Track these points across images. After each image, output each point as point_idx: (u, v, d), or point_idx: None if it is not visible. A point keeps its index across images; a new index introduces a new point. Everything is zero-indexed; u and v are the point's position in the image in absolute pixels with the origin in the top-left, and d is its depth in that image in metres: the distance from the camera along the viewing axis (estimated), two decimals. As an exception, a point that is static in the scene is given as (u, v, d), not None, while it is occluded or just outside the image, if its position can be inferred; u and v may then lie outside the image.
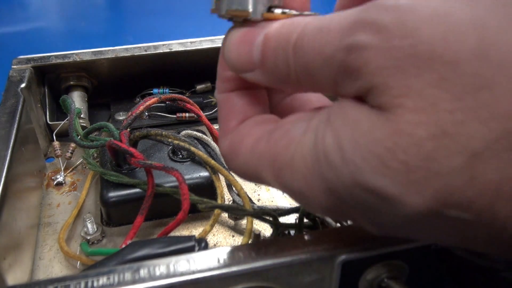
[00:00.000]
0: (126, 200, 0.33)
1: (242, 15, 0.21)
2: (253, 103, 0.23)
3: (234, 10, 0.21)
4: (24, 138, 0.35)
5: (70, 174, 0.40)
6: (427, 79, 0.16)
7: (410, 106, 0.16)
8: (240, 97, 0.23)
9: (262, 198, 0.37)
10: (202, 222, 0.35)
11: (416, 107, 0.16)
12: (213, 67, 0.23)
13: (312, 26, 0.19)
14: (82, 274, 0.22)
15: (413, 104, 0.16)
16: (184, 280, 0.21)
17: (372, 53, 0.17)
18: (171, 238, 0.27)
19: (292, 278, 0.23)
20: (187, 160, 0.36)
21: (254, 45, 0.21)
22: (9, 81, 0.40)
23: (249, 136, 0.22)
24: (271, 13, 0.21)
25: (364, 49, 0.17)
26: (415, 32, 0.16)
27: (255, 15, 0.21)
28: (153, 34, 0.85)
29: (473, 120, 0.15)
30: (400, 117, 0.16)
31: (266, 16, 0.21)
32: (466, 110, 0.15)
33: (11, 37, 0.85)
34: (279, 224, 0.29)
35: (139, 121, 0.45)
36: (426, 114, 0.16)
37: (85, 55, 0.44)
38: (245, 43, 0.21)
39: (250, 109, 0.23)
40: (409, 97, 0.16)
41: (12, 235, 0.29)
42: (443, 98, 0.16)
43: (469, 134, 0.15)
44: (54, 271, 0.31)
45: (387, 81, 0.16)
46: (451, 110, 0.15)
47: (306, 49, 0.19)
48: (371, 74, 0.17)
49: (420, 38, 0.16)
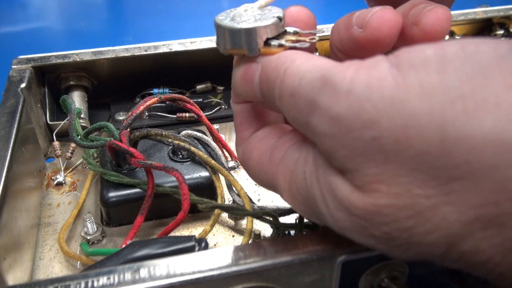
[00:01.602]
0: (126, 200, 0.33)
1: (240, 53, 0.22)
2: (265, 113, 0.25)
3: (231, 49, 0.22)
4: (24, 138, 0.35)
5: (70, 174, 0.40)
6: (398, 169, 0.16)
7: (385, 191, 0.17)
8: (252, 109, 0.25)
9: (262, 198, 0.37)
10: (202, 222, 0.35)
11: (391, 193, 0.17)
12: (213, 67, 0.23)
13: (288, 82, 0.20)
14: (82, 274, 0.22)
15: (388, 190, 0.17)
16: (184, 280, 0.21)
17: (335, 143, 0.17)
18: (171, 238, 0.27)
19: (292, 278, 0.23)
20: (187, 160, 0.36)
21: (253, 84, 0.22)
22: (9, 81, 0.40)
23: (256, 150, 0.24)
24: (267, 48, 0.22)
25: (326, 137, 0.18)
26: (375, 125, 0.16)
27: (252, 52, 0.22)
28: (153, 34, 0.85)
29: (447, 204, 0.16)
30: (378, 200, 0.17)
31: (263, 51, 0.22)
32: (440, 196, 0.16)
33: (11, 37, 0.85)
34: (279, 224, 0.29)
35: (139, 121, 0.45)
36: (402, 199, 0.16)
37: (85, 55, 0.44)
38: (246, 81, 0.22)
39: (262, 119, 0.25)
40: (383, 183, 0.17)
41: (12, 235, 0.29)
42: (416, 185, 0.16)
43: (444, 216, 0.16)
44: (54, 271, 0.31)
45: (358, 168, 0.17)
46: (426, 196, 0.16)
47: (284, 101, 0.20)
48: (342, 159, 0.18)
49: (381, 132, 0.16)
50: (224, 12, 0.23)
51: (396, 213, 0.17)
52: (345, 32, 0.22)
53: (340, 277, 0.23)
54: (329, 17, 0.20)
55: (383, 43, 0.21)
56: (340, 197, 0.18)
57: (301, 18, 0.23)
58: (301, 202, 0.21)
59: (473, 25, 0.54)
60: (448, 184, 0.16)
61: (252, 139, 0.24)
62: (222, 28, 0.22)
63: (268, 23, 0.21)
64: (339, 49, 0.23)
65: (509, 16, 0.52)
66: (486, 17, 0.52)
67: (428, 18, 0.21)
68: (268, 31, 0.21)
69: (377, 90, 0.16)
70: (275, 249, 0.23)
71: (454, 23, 0.52)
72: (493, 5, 0.53)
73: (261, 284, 0.22)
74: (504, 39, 0.17)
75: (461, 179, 0.15)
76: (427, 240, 0.17)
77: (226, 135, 0.45)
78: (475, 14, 0.52)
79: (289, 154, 0.22)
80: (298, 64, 0.20)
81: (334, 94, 0.17)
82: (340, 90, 0.17)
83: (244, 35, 0.21)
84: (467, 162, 0.15)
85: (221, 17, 0.23)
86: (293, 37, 0.22)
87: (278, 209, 0.32)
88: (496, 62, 0.16)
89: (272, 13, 0.22)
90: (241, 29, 0.21)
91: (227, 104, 0.48)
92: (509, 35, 0.53)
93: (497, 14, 0.52)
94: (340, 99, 0.17)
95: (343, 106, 0.17)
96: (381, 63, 0.17)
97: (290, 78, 0.19)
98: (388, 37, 0.21)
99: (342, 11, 0.24)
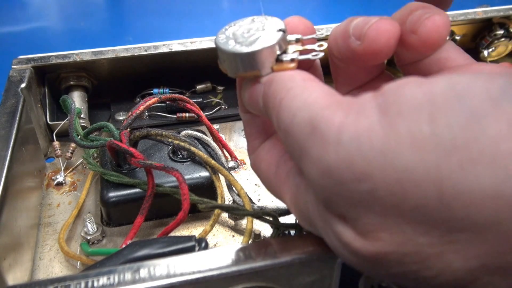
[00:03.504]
0: (126, 200, 0.33)
1: (251, 75, 0.22)
2: None
3: (243, 73, 0.22)
4: (24, 138, 0.35)
5: (70, 174, 0.40)
6: (397, 219, 0.16)
7: (388, 240, 0.16)
8: (260, 119, 0.25)
9: (262, 198, 0.37)
10: (202, 222, 0.35)
11: (394, 241, 0.16)
12: (213, 67, 0.23)
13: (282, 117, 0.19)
14: (82, 274, 0.22)
15: (391, 239, 0.16)
16: (184, 280, 0.21)
17: (329, 193, 0.17)
18: (171, 238, 0.27)
19: (292, 278, 0.23)
20: (187, 160, 0.36)
21: (259, 103, 0.22)
22: (9, 81, 0.40)
23: (264, 162, 0.24)
24: (280, 65, 0.21)
25: (319, 186, 0.17)
26: (368, 178, 0.16)
27: (265, 72, 0.21)
28: (153, 34, 0.85)
29: (451, 253, 0.16)
30: (382, 248, 0.17)
31: (276, 69, 0.21)
32: (444, 245, 0.16)
33: (11, 37, 0.85)
34: (279, 224, 0.29)
35: (139, 121, 0.45)
36: (405, 247, 0.16)
37: (85, 55, 0.44)
38: (252, 101, 0.22)
39: (271, 129, 0.25)
40: (385, 232, 0.16)
41: (12, 235, 0.29)
42: (419, 234, 0.16)
43: (449, 263, 0.16)
44: (54, 271, 0.31)
45: (358, 217, 0.17)
46: (429, 244, 0.16)
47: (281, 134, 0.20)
48: (340, 208, 0.17)
49: (375, 185, 0.16)
50: (221, 32, 0.22)
51: (401, 259, 0.16)
52: (343, 42, 0.21)
53: (340, 277, 0.23)
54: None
55: (381, 54, 0.21)
56: (344, 241, 0.18)
57: (300, 29, 0.22)
58: (306, 223, 0.21)
59: (473, 25, 0.54)
60: (450, 235, 0.15)
61: (261, 150, 0.24)
62: (230, 53, 0.21)
63: (277, 39, 0.21)
64: (337, 58, 0.23)
65: (509, 16, 0.52)
66: (486, 17, 0.52)
67: (426, 26, 0.20)
68: (277, 48, 0.21)
69: (367, 141, 0.16)
70: (275, 249, 0.23)
71: (454, 23, 0.52)
72: (493, 5, 0.53)
73: (261, 284, 0.22)
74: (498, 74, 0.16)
75: (462, 231, 0.15)
76: (434, 283, 0.16)
77: (226, 135, 0.45)
78: (475, 14, 0.51)
79: (291, 175, 0.22)
80: (293, 96, 0.19)
81: (322, 143, 0.17)
82: (328, 140, 0.16)
83: (255, 57, 0.20)
84: (467, 216, 0.15)
85: (222, 39, 0.21)
86: (298, 46, 0.21)
87: (278, 209, 0.32)
88: (490, 108, 0.15)
89: (272, 26, 0.21)
90: (251, 52, 0.20)
91: (227, 104, 0.48)
92: (509, 35, 0.53)
93: (497, 14, 0.52)
94: (329, 150, 0.16)
95: (333, 158, 0.16)
96: (368, 107, 0.16)
97: (284, 113, 0.19)
98: (385, 48, 0.20)
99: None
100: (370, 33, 0.20)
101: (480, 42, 0.55)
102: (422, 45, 0.21)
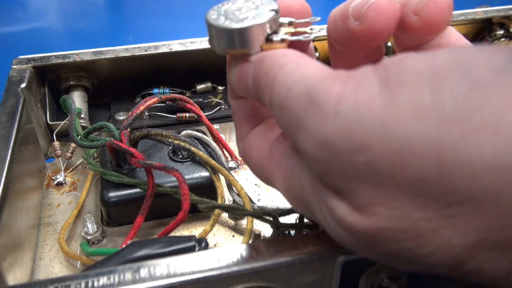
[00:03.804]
0: (126, 200, 0.33)
1: (240, 53, 0.21)
2: (263, 107, 0.24)
3: (231, 50, 0.21)
4: (24, 138, 0.35)
5: (70, 174, 0.40)
6: (395, 192, 0.15)
7: (384, 214, 0.16)
8: (250, 104, 0.24)
9: (262, 198, 0.37)
10: (202, 222, 0.35)
11: (389, 216, 0.16)
12: (213, 67, 0.23)
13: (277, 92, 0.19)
14: (82, 274, 0.22)
15: (386, 213, 0.16)
16: (184, 280, 0.21)
17: (325, 166, 0.17)
18: (171, 238, 0.27)
19: (292, 278, 0.23)
20: (187, 160, 0.36)
21: (248, 85, 0.21)
22: (9, 81, 0.40)
23: (254, 147, 0.23)
24: (269, 44, 0.21)
25: (315, 159, 0.17)
26: (367, 149, 0.15)
27: (254, 50, 0.21)
28: (153, 34, 0.85)
29: (448, 228, 0.15)
30: (377, 222, 0.16)
31: (265, 48, 0.21)
32: (441, 219, 0.15)
33: (11, 37, 0.85)
34: (279, 224, 0.29)
35: (139, 121, 0.45)
36: (401, 222, 0.16)
37: (85, 55, 0.44)
38: (241, 81, 0.22)
39: (261, 114, 0.24)
40: (381, 206, 0.16)
41: (12, 235, 0.29)
42: (416, 208, 0.15)
43: (446, 239, 0.15)
44: (54, 271, 0.31)
45: (354, 190, 0.16)
46: (426, 219, 0.15)
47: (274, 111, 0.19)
48: (336, 182, 0.17)
49: (373, 156, 0.15)
50: (213, 9, 0.22)
51: (397, 235, 0.16)
52: (342, 23, 0.21)
53: (340, 277, 0.23)
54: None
55: (381, 34, 0.20)
56: (338, 217, 0.17)
57: (295, 9, 0.22)
58: (300, 206, 0.21)
59: (473, 25, 0.54)
60: (449, 208, 0.15)
61: (251, 136, 0.24)
62: (219, 28, 0.21)
63: (268, 17, 0.20)
64: (336, 40, 0.22)
65: (509, 16, 0.52)
66: (486, 17, 0.52)
67: (429, 8, 0.20)
68: (268, 27, 0.20)
69: (366, 111, 0.15)
70: (275, 249, 0.23)
71: (454, 23, 0.52)
72: (493, 5, 0.53)
73: (261, 284, 0.22)
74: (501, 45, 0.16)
75: (462, 204, 0.15)
76: (429, 261, 0.16)
77: (226, 135, 0.45)
78: (475, 14, 0.51)
79: (286, 157, 0.21)
80: (287, 71, 0.19)
81: (320, 115, 0.16)
82: (326, 111, 0.16)
83: (244, 34, 0.20)
84: (468, 188, 0.14)
85: (212, 15, 0.21)
86: (291, 29, 0.21)
87: (278, 209, 0.32)
88: (494, 77, 0.14)
89: (265, 6, 0.21)
90: (241, 28, 0.20)
91: (227, 104, 0.48)
92: (509, 35, 0.53)
93: (497, 14, 0.52)
94: (327, 121, 0.16)
95: (331, 129, 0.16)
96: (368, 78, 0.16)
97: (279, 88, 0.19)
98: (385, 29, 0.20)
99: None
100: (369, 13, 0.20)
101: (480, 42, 0.55)
102: (425, 27, 0.20)
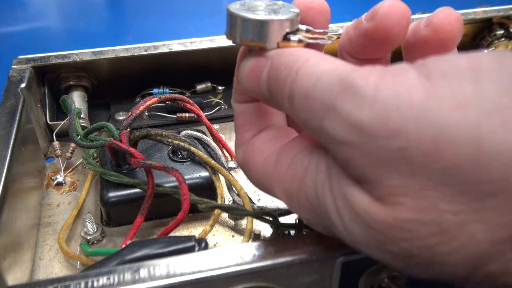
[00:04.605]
0: (126, 200, 0.33)
1: (256, 46, 0.21)
2: (268, 114, 0.24)
3: (248, 41, 0.21)
4: (24, 138, 0.35)
5: (70, 174, 0.40)
6: (425, 182, 0.15)
7: (409, 205, 0.16)
8: (255, 109, 0.24)
9: (262, 198, 0.37)
10: (202, 222, 0.35)
11: (415, 207, 0.16)
12: (213, 67, 0.23)
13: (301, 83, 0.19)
14: (82, 274, 0.22)
15: (412, 204, 0.16)
16: (184, 280, 0.21)
17: (354, 151, 0.16)
18: (171, 238, 0.27)
19: (292, 278, 0.23)
20: (187, 160, 0.36)
21: (261, 80, 0.21)
22: (9, 81, 0.40)
23: (259, 152, 0.23)
24: (286, 42, 0.21)
25: (344, 144, 0.17)
26: (402, 135, 0.15)
27: (270, 45, 0.21)
28: (153, 34, 0.85)
29: (477, 222, 0.15)
30: (400, 214, 0.16)
31: (282, 45, 0.21)
32: (470, 213, 0.15)
33: (11, 37, 0.85)
34: (279, 224, 0.29)
35: (139, 121, 0.45)
36: (427, 214, 0.16)
37: (85, 55, 0.44)
38: (253, 76, 0.21)
39: (265, 121, 0.24)
40: (407, 197, 0.16)
41: (12, 235, 0.29)
42: (444, 200, 0.15)
43: (472, 234, 0.15)
44: (54, 271, 0.31)
45: (380, 178, 0.16)
46: (454, 212, 0.15)
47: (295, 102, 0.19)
48: (362, 169, 0.17)
49: (408, 142, 0.15)
50: (236, 3, 0.22)
51: (420, 229, 0.16)
52: (355, 30, 0.21)
53: (340, 277, 0.23)
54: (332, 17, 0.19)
55: (393, 32, 0.20)
56: (357, 208, 0.17)
57: (314, 6, 0.22)
58: (310, 211, 0.20)
59: (473, 25, 0.54)
60: (480, 201, 0.15)
61: (254, 141, 0.23)
62: (241, 17, 0.20)
63: (289, 16, 0.20)
64: (348, 51, 0.22)
65: (509, 16, 0.52)
66: (486, 17, 0.52)
67: (439, 17, 0.21)
68: (288, 25, 0.21)
69: (406, 99, 0.15)
70: (275, 249, 0.23)
71: (454, 23, 0.52)
72: (493, 5, 0.53)
73: (261, 284, 0.22)
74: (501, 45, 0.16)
75: (495, 195, 0.15)
76: (450, 260, 0.16)
77: (226, 135, 0.45)
78: (475, 14, 0.52)
79: (298, 161, 0.21)
80: (313, 64, 0.18)
81: (356, 99, 0.16)
82: (363, 96, 0.16)
83: (264, 26, 0.20)
84: (504, 177, 0.14)
85: (235, 6, 0.21)
86: (308, 35, 0.21)
87: (278, 209, 0.32)
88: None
89: (286, 8, 0.21)
90: (262, 20, 0.20)
91: (227, 104, 0.48)
92: (509, 35, 0.53)
93: (497, 14, 0.52)
94: (363, 105, 0.16)
95: (367, 113, 0.16)
96: (408, 71, 0.16)
97: (304, 79, 0.18)
98: (397, 26, 0.20)
99: (349, 11, 0.23)
100: (382, 10, 0.20)
101: (480, 42, 0.55)
102: (436, 36, 0.21)
